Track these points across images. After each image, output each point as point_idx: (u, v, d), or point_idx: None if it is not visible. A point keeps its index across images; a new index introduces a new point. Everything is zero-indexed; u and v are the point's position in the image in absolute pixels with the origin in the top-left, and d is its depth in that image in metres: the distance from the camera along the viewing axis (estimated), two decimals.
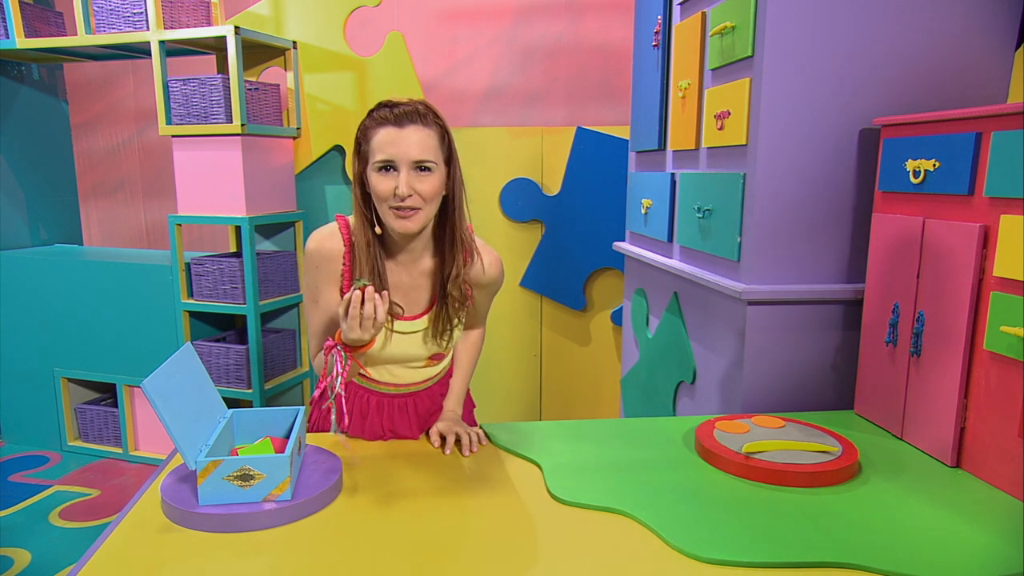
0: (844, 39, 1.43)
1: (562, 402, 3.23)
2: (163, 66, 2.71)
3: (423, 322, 1.28)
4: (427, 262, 1.28)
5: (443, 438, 1.30)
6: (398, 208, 1.15)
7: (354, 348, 1.16)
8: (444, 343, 1.30)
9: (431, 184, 1.16)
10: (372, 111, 1.19)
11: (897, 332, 1.32)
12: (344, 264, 1.24)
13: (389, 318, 1.25)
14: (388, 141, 1.14)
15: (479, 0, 3.24)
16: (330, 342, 1.17)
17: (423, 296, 1.29)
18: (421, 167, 1.15)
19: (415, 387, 1.37)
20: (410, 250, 1.25)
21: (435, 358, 1.34)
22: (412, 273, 1.27)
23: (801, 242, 1.49)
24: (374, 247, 1.21)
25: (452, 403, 1.41)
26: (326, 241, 1.24)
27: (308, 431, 1.43)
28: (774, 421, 1.32)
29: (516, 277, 3.10)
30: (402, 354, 1.30)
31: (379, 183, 1.15)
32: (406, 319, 1.27)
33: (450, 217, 1.23)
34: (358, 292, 1.09)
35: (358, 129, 1.20)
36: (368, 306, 1.09)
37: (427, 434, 1.34)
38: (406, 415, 1.36)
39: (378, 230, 1.21)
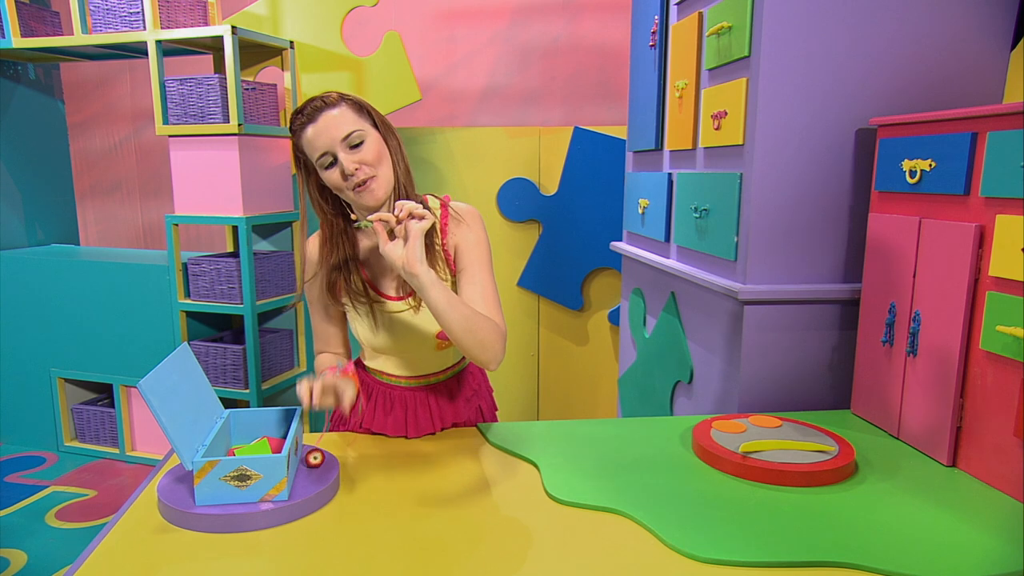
0: (840, 39, 1.43)
1: (559, 402, 3.23)
2: (160, 66, 2.70)
3: (413, 300, 1.30)
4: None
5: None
6: (356, 186, 1.21)
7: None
8: None
9: (369, 150, 1.21)
10: (290, 126, 1.25)
11: (893, 332, 1.32)
12: (323, 267, 1.33)
13: (381, 300, 1.30)
14: (313, 137, 1.21)
15: (477, 0, 3.24)
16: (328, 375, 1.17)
17: None
18: (351, 143, 1.20)
19: (433, 378, 1.38)
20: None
21: (444, 337, 1.32)
22: None
23: (798, 242, 1.50)
24: (340, 237, 1.29)
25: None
26: (309, 244, 1.37)
27: (331, 427, 1.45)
28: (771, 421, 1.32)
29: (514, 277, 3.10)
30: (405, 334, 1.31)
31: (330, 177, 1.22)
32: (395, 299, 1.31)
33: (400, 183, 1.27)
34: (304, 388, 1.12)
35: (293, 148, 1.27)
36: (326, 399, 1.14)
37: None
38: (427, 406, 1.37)
39: (353, 217, 1.29)
